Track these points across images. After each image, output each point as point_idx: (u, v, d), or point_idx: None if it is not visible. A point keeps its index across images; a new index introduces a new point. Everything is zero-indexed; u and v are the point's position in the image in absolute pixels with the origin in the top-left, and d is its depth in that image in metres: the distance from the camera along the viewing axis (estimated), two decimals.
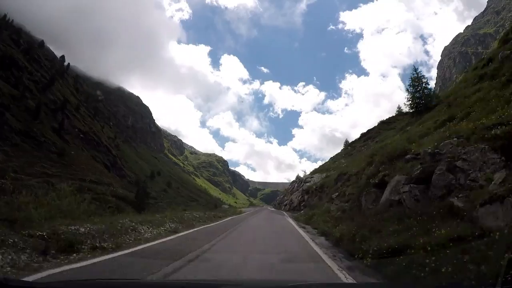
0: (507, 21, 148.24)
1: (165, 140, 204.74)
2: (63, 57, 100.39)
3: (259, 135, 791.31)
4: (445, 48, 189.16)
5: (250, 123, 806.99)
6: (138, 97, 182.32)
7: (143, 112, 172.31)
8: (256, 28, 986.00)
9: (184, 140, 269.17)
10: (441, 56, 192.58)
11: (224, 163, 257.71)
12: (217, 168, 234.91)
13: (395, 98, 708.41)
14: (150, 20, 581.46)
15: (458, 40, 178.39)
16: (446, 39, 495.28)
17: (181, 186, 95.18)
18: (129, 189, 54.26)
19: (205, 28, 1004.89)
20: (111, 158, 64.77)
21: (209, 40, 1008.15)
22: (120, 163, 66.90)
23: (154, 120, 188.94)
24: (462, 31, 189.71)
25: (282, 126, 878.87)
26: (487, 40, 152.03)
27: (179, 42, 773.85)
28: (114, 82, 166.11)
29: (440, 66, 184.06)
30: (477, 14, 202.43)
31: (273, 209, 56.36)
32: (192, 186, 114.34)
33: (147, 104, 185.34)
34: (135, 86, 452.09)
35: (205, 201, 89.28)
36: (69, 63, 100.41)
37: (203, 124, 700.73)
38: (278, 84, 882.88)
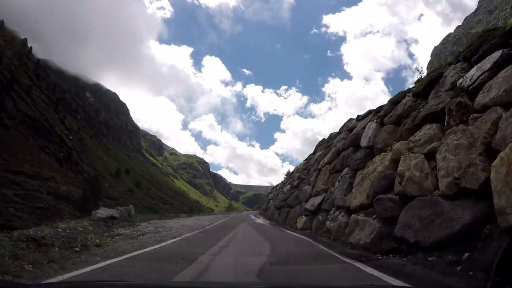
0: (500, 20, 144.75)
1: (143, 139, 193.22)
2: (25, 40, 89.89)
3: (241, 138, 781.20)
4: (435, 48, 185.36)
5: (232, 126, 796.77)
6: (115, 94, 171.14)
7: (119, 109, 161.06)
8: (239, 30, 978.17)
9: (166, 143, 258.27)
10: (430, 56, 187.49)
11: (205, 164, 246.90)
12: (198, 170, 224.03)
13: (378, 102, 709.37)
14: (133, 19, 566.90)
15: (449, 40, 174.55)
16: (430, 43, 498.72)
17: (154, 187, 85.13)
18: (82, 187, 44.47)
19: (188, 27, 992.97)
20: (65, 150, 54.66)
21: (192, 40, 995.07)
22: (77, 157, 56.78)
23: (131, 118, 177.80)
24: (452, 31, 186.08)
25: (264, 130, 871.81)
26: None
27: (161, 42, 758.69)
28: (91, 77, 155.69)
29: (430, 66, 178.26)
30: (462, 18, 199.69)
31: (262, 220, 25.71)
32: (167, 188, 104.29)
33: (124, 102, 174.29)
34: (114, 85, 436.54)
35: (180, 204, 79.71)
36: (31, 47, 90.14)
37: (185, 126, 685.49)
38: (260, 87, 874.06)
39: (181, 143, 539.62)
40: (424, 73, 9.77)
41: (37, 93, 64.19)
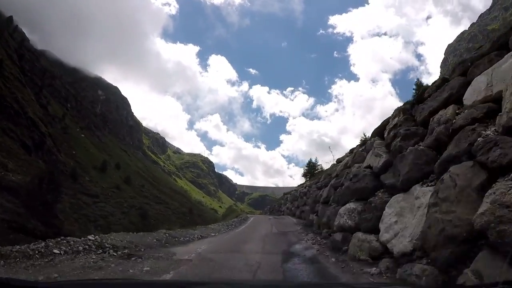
0: None
1: (145, 137, 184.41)
2: (10, 17, 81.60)
3: (247, 139, 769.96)
4: (449, 45, 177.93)
5: (238, 127, 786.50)
6: (116, 88, 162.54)
7: (120, 103, 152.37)
8: (245, 28, 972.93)
9: (172, 142, 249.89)
10: (444, 54, 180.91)
11: (209, 164, 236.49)
12: (202, 169, 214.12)
13: (386, 104, 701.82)
14: (137, 15, 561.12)
15: (464, 37, 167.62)
16: (439, 44, 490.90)
17: (150, 184, 75.29)
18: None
19: (194, 25, 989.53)
20: (37, 136, 45.03)
21: (197, 38, 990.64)
22: (52, 145, 47.11)
23: (132, 113, 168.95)
24: (463, 30, 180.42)
25: (270, 131, 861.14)
26: (497, 36, 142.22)
27: (166, 40, 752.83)
28: (93, 71, 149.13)
29: (444, 64, 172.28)
30: (472, 17, 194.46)
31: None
32: (166, 186, 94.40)
33: (125, 96, 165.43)
34: (119, 80, 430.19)
35: (179, 204, 69.90)
36: (17, 25, 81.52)
37: (190, 126, 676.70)
38: (266, 88, 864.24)
39: (187, 143, 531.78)
40: None
41: (13, 71, 54.76)
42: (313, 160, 31.35)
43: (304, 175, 30.07)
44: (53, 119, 63.76)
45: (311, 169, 28.91)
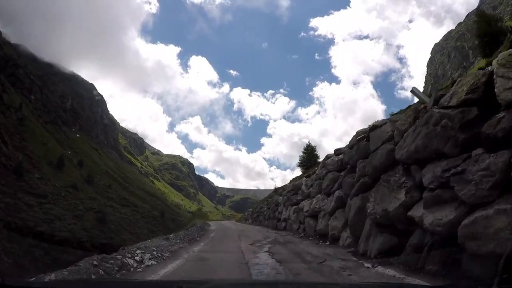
0: (506, 15, 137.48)
1: (122, 136, 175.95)
2: None
3: (228, 141, 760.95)
4: (436, 44, 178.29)
5: (219, 129, 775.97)
6: (91, 84, 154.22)
7: (94, 100, 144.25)
8: (226, 29, 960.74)
9: (152, 145, 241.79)
10: (431, 53, 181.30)
11: (189, 165, 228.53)
12: (182, 171, 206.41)
13: (367, 106, 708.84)
14: (119, 16, 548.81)
15: (452, 36, 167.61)
16: (420, 46, 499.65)
17: (119, 185, 68.13)
18: None
19: (174, 25, 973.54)
20: None
21: (178, 39, 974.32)
22: None
23: (108, 111, 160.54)
24: (443, 34, 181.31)
25: (251, 134, 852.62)
26: None
27: (147, 41, 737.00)
28: (68, 67, 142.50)
29: (431, 63, 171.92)
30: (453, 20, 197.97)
31: None
32: (139, 188, 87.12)
33: (101, 93, 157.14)
34: (96, 78, 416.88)
35: (150, 207, 63.10)
36: None
37: (171, 128, 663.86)
38: (247, 90, 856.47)
39: (167, 145, 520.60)
40: None
41: None
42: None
43: (301, 164, 24.03)
44: (8, 109, 56.33)
45: (311, 156, 23.02)
